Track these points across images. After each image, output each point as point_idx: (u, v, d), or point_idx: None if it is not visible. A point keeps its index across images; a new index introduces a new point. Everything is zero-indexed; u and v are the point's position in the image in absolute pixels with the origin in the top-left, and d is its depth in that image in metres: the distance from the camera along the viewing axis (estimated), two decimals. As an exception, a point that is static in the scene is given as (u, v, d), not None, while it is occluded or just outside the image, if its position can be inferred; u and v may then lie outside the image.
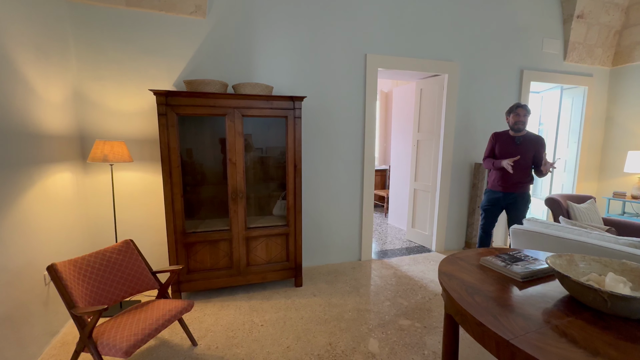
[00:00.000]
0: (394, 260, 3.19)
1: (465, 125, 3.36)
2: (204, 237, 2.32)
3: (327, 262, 3.08)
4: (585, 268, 1.22)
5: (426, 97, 3.48)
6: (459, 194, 3.46)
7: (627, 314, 1.00)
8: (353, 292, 2.51)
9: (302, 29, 2.71)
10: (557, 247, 1.86)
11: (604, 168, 4.04)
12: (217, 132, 2.59)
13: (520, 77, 3.48)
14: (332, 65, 2.83)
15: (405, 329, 2.01)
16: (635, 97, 3.70)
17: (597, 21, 3.55)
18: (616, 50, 3.79)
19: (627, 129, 3.80)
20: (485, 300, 1.14)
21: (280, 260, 2.53)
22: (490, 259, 1.45)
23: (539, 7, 3.42)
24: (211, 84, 2.22)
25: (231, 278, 2.41)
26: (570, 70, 3.69)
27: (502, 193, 2.66)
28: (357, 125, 2.99)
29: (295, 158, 2.44)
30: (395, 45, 2.98)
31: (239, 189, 2.33)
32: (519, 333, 0.94)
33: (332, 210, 3.03)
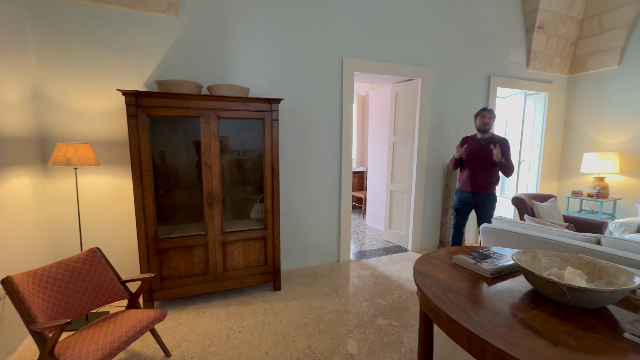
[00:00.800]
0: (372, 261, 3.24)
1: (438, 128, 3.49)
2: (178, 243, 2.24)
3: (306, 264, 3.08)
4: (547, 263, 1.31)
5: (401, 100, 3.57)
6: (433, 195, 3.58)
7: (583, 304, 1.08)
8: (332, 293, 2.52)
9: (279, 31, 2.70)
10: (523, 243, 1.97)
11: (563, 169, 4.33)
12: (192, 134, 2.52)
13: (488, 82, 3.67)
14: (309, 68, 2.85)
15: (383, 329, 2.04)
16: (589, 103, 4.01)
17: (555, 32, 3.81)
18: (572, 60, 4.09)
19: (582, 133, 4.11)
20: (457, 297, 1.19)
21: (258, 265, 2.49)
22: (462, 257, 1.51)
23: (505, 18, 3.62)
24: (185, 84, 2.15)
25: (207, 284, 2.34)
26: (533, 77, 3.94)
27: (471, 193, 2.79)
28: (334, 127, 3.02)
29: (272, 161, 2.42)
30: (371, 50, 3.05)
31: (214, 192, 2.27)
32: (488, 327, 0.98)
33: (311, 212, 3.03)
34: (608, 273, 1.19)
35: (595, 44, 3.84)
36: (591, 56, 3.90)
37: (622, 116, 3.72)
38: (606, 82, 3.84)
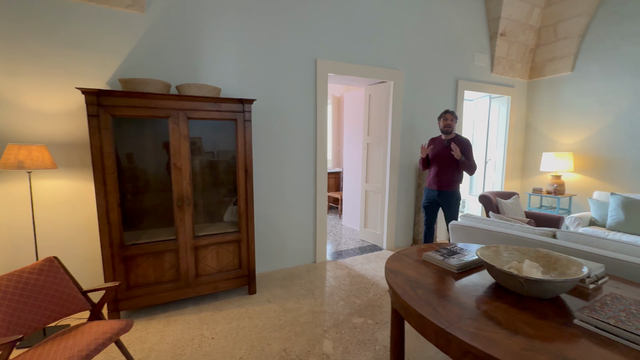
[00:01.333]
0: (348, 261, 3.27)
1: (410, 129, 3.60)
2: (146, 249, 2.14)
3: (282, 266, 3.05)
4: (508, 257, 1.38)
5: (374, 102, 3.65)
6: (406, 194, 3.68)
7: (539, 294, 1.16)
8: (308, 295, 2.52)
9: (252, 31, 2.66)
10: (488, 239, 2.08)
11: (525, 167, 4.62)
12: (162, 135, 2.42)
13: (455, 86, 3.83)
14: (283, 69, 2.83)
15: (358, 327, 2.07)
16: (547, 106, 4.31)
17: (516, 39, 4.06)
18: (531, 66, 4.37)
19: (541, 134, 4.40)
20: (426, 293, 1.23)
21: (232, 269, 2.44)
22: (431, 254, 1.56)
23: (470, 24, 3.80)
24: (151, 83, 2.07)
25: (179, 291, 2.26)
26: (496, 81, 4.16)
27: (437, 191, 2.91)
28: (309, 128, 3.02)
29: (246, 162, 2.38)
30: (345, 52, 3.08)
31: (185, 195, 2.20)
32: (454, 321, 1.03)
33: (286, 214, 3.01)
34: (561, 264, 1.28)
35: (551, 52, 4.13)
36: (548, 62, 4.19)
37: (575, 119, 4.02)
38: (561, 87, 4.14)
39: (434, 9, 3.51)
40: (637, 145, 3.51)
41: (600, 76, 3.76)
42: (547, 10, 4.03)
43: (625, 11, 3.52)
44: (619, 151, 3.66)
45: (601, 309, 1.03)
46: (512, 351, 0.87)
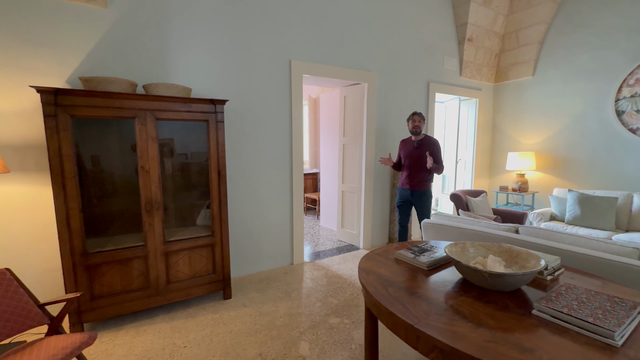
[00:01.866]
0: (325, 261, 3.28)
1: (384, 130, 3.67)
2: (112, 257, 2.03)
3: (258, 269, 3.01)
4: (474, 253, 1.44)
5: (349, 103, 3.69)
6: (382, 194, 3.75)
7: (502, 287, 1.22)
8: (285, 297, 2.50)
9: (225, 30, 2.61)
10: (458, 236, 2.16)
11: (492, 166, 4.85)
12: (130, 136, 2.30)
13: (427, 88, 3.96)
14: (257, 70, 2.80)
15: (335, 327, 2.08)
16: (511, 108, 4.55)
17: (482, 45, 4.26)
18: (497, 70, 4.61)
19: (506, 134, 4.64)
20: (397, 291, 1.26)
21: (206, 274, 2.37)
22: (403, 252, 1.60)
23: (440, 29, 3.95)
24: (116, 82, 1.97)
25: (149, 299, 2.16)
26: (465, 85, 4.35)
27: (410, 190, 3.01)
28: (284, 130, 3.00)
29: (219, 164, 2.33)
30: (319, 54, 3.10)
31: (154, 199, 2.11)
32: (422, 317, 1.06)
33: (262, 216, 2.97)
34: (522, 258, 1.35)
35: (514, 57, 4.37)
36: (511, 67, 4.43)
37: (536, 120, 4.28)
38: (523, 91, 4.39)
39: (405, 14, 3.61)
40: (590, 145, 3.80)
41: (558, 81, 4.02)
42: (510, 18, 4.26)
43: (577, 21, 3.79)
44: (574, 151, 3.94)
45: (556, 299, 1.10)
46: (475, 343, 0.91)
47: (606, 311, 1.01)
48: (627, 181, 3.54)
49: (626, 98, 3.47)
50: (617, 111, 3.54)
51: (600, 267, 1.51)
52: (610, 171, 3.65)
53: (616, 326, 0.93)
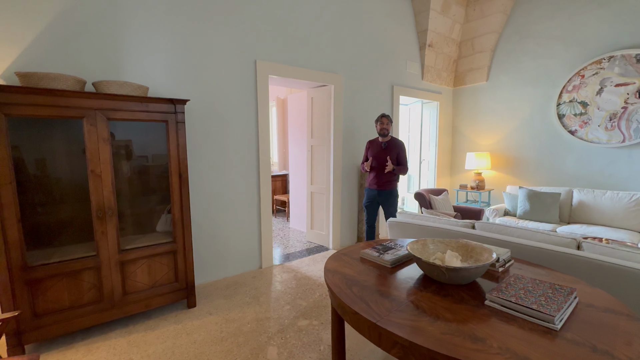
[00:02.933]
0: (294, 263, 3.26)
1: (351, 131, 3.73)
2: (58, 269, 1.86)
3: (225, 275, 2.91)
4: (434, 249, 1.51)
5: (317, 105, 3.70)
6: (349, 194, 3.81)
7: (459, 281, 1.28)
8: (253, 302, 2.44)
9: (186, 25, 2.50)
10: (421, 233, 2.25)
11: (453, 166, 5.12)
12: (81, 138, 2.12)
13: (391, 91, 4.09)
14: (221, 69, 2.71)
15: (303, 329, 2.07)
16: (468, 111, 4.84)
17: (442, 51, 4.49)
18: (455, 75, 4.88)
19: (465, 136, 4.93)
20: (361, 290, 1.27)
21: (167, 282, 2.25)
22: (368, 251, 1.63)
23: (402, 34, 4.10)
24: (60, 79, 1.80)
25: (102, 313, 2.00)
26: (427, 88, 4.55)
27: (377, 190, 3.09)
28: (250, 131, 2.94)
29: (180, 167, 2.22)
30: (285, 55, 3.07)
31: (106, 205, 1.96)
32: (384, 314, 1.08)
33: (228, 219, 2.89)
34: (476, 252, 1.43)
35: (470, 63, 4.66)
36: (468, 73, 4.72)
37: (491, 122, 4.59)
38: (479, 95, 4.69)
39: (369, 18, 3.70)
40: (537, 146, 4.14)
41: (508, 86, 4.35)
42: (466, 26, 4.54)
43: (524, 31, 4.13)
44: (524, 151, 4.27)
45: (506, 289, 1.18)
46: (433, 336, 0.94)
47: (548, 298, 1.10)
48: (568, 178, 3.90)
49: (566, 103, 3.83)
50: (559, 114, 3.90)
51: (545, 257, 1.65)
52: (554, 169, 4.01)
53: (556, 311, 1.01)
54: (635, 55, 3.30)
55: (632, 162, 3.43)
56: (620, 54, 3.39)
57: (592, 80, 3.60)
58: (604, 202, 3.36)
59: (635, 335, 0.94)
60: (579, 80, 3.70)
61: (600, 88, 3.56)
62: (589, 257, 1.50)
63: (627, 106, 3.39)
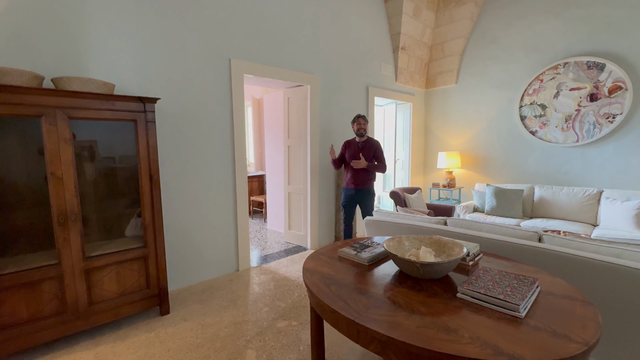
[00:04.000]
0: (273, 265, 3.23)
1: (328, 131, 3.76)
2: (14, 280, 1.71)
3: (201, 279, 2.83)
4: (409, 246, 1.55)
5: (293, 105, 3.69)
6: (327, 194, 3.83)
7: (432, 276, 1.33)
8: (230, 306, 2.39)
9: (156, 20, 2.40)
10: (396, 230, 2.31)
11: (426, 165, 5.31)
12: (39, 138, 1.97)
13: (367, 92, 4.16)
14: (195, 67, 2.63)
15: (282, 331, 2.06)
16: (440, 112, 5.04)
17: (414, 54, 4.63)
18: (427, 77, 5.06)
19: (437, 136, 5.12)
20: (339, 288, 1.29)
21: (138, 289, 2.15)
22: (345, 250, 1.65)
23: (377, 37, 4.19)
24: (13, 73, 1.67)
25: (65, 325, 1.87)
26: (400, 90, 4.68)
27: (354, 190, 3.14)
28: (225, 131, 2.88)
29: (150, 168, 2.13)
30: (261, 54, 3.04)
31: (69, 210, 1.84)
32: (362, 311, 1.10)
33: (203, 222, 2.80)
34: (448, 247, 1.50)
35: (440, 66, 4.85)
36: (439, 75, 4.91)
37: (460, 123, 4.81)
38: (449, 97, 4.89)
39: (345, 20, 3.74)
40: (502, 145, 4.39)
41: (476, 89, 4.57)
42: (436, 31, 4.71)
43: (489, 37, 4.36)
44: (490, 150, 4.51)
45: (476, 282, 1.24)
46: (409, 330, 0.97)
47: (513, 288, 1.17)
48: (530, 175, 4.17)
49: (527, 105, 4.09)
50: (521, 116, 4.16)
51: (510, 250, 1.75)
52: (517, 167, 4.27)
53: (520, 300, 1.08)
54: (586, 62, 3.59)
55: (585, 161, 3.73)
56: (573, 60, 3.68)
57: (550, 84, 3.88)
58: (562, 198, 3.63)
59: (589, 319, 1.03)
60: (538, 84, 3.97)
61: (556, 92, 3.83)
62: (549, 249, 1.61)
63: (580, 109, 3.68)
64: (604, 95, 3.52)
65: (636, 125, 3.37)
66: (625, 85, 3.37)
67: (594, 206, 3.43)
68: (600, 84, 3.53)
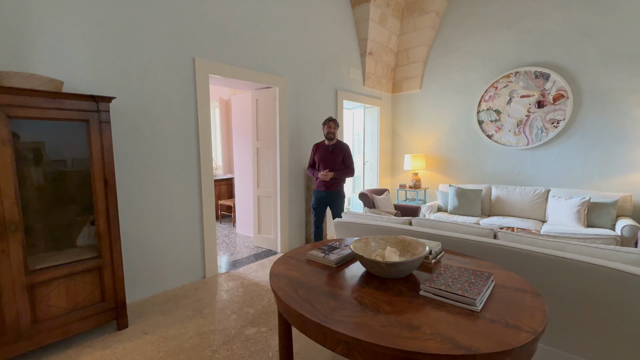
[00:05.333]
0: (241, 270, 3.14)
1: (297, 134, 3.75)
2: (-62, 301, 1.51)
3: (164, 289, 2.68)
4: (375, 246, 1.59)
5: (262, 107, 3.64)
6: (297, 196, 3.82)
7: (397, 275, 1.37)
8: (195, 315, 2.29)
9: (113, 13, 2.24)
10: (364, 231, 2.35)
11: (394, 167, 5.48)
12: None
13: (335, 95, 4.21)
14: (155, 66, 2.50)
15: (251, 338, 2.00)
16: (406, 116, 5.23)
17: (381, 59, 4.78)
18: (393, 82, 5.23)
19: (403, 139, 5.31)
20: (306, 291, 1.28)
21: (92, 303, 1.98)
22: (313, 253, 1.65)
23: (345, 41, 4.26)
24: (-62, 67, 1.48)
25: (4, 348, 1.68)
26: (368, 94, 4.80)
27: (325, 192, 3.16)
28: (190, 132, 2.76)
29: (105, 171, 1.99)
30: (227, 54, 2.96)
31: (7, 219, 1.66)
32: (329, 314, 1.10)
33: (167, 228, 2.67)
34: (412, 247, 1.55)
35: (406, 72, 5.04)
36: (404, 81, 5.10)
37: (425, 127, 5.02)
38: (414, 101, 5.10)
39: (314, 23, 3.77)
40: (463, 148, 4.65)
41: (438, 94, 4.81)
42: (401, 38, 4.90)
43: (450, 46, 4.61)
44: (452, 152, 4.76)
45: (437, 279, 1.29)
46: (374, 330, 0.99)
47: (471, 284, 1.24)
48: (488, 176, 4.46)
49: (484, 110, 4.38)
50: (479, 121, 4.43)
51: (470, 247, 1.85)
52: (476, 168, 4.55)
53: (477, 295, 1.14)
54: (534, 72, 3.92)
55: (534, 162, 4.06)
56: (523, 70, 3.99)
57: (503, 91, 4.18)
58: (515, 197, 3.91)
59: (537, 309, 1.11)
60: (493, 91, 4.26)
61: (509, 98, 4.14)
62: (503, 245, 1.73)
63: (530, 114, 4.00)
64: (549, 103, 3.85)
65: (577, 130, 3.73)
66: (567, 93, 3.72)
67: (542, 204, 3.74)
68: (546, 92, 3.86)
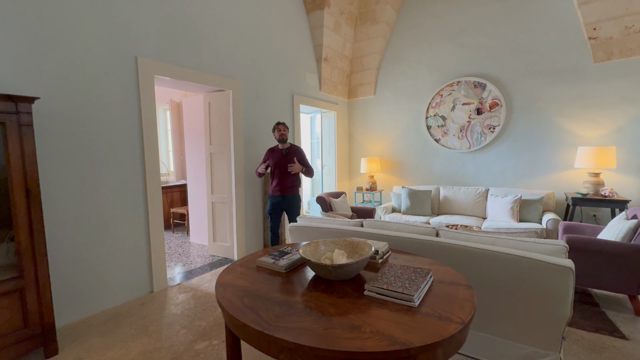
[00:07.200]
0: (194, 281, 2.99)
1: (253, 138, 3.68)
2: None
3: (104, 307, 2.45)
4: (324, 249, 1.61)
5: (215, 110, 3.52)
6: (254, 202, 3.74)
7: (344, 276, 1.40)
8: (140, 333, 2.12)
9: (38, 5, 2.02)
10: (319, 235, 2.37)
11: (351, 170, 5.62)
12: None
13: (292, 99, 4.22)
14: (92, 64, 2.30)
15: (201, 352, 1.91)
16: (361, 121, 5.41)
17: (336, 65, 4.89)
18: (349, 88, 5.38)
19: (359, 143, 5.48)
20: (252, 300, 1.26)
21: (12, 331, 1.75)
22: (263, 259, 1.63)
23: (300, 47, 4.29)
24: None
25: None
26: (325, 99, 4.88)
27: (281, 197, 3.14)
28: (133, 136, 2.58)
29: (27, 180, 1.77)
30: (175, 54, 2.82)
31: None
32: (272, 321, 1.09)
33: (106, 240, 2.45)
34: (360, 248, 1.59)
35: (361, 79, 5.22)
36: (359, 87, 5.28)
37: (379, 131, 5.23)
38: (369, 107, 5.29)
39: (268, 27, 3.75)
40: (414, 152, 4.93)
41: (391, 100, 5.05)
42: (355, 45, 5.07)
43: (400, 55, 4.88)
44: (405, 156, 5.02)
45: (381, 278, 1.34)
46: (316, 334, 1.00)
47: (411, 281, 1.31)
48: (436, 178, 4.77)
49: (432, 116, 4.69)
50: (427, 126, 4.73)
51: (415, 246, 1.96)
52: (426, 170, 4.84)
53: (415, 291, 1.21)
54: (473, 82, 4.30)
55: (476, 164, 4.43)
56: (464, 80, 4.35)
57: (448, 99, 4.51)
58: (460, 196, 4.23)
59: (467, 301, 1.20)
60: (439, 99, 4.58)
61: (453, 105, 4.48)
62: (443, 242, 1.85)
63: (471, 121, 4.37)
64: (486, 110, 4.24)
65: (509, 135, 4.15)
66: (501, 102, 4.13)
67: (483, 202, 4.09)
68: (483, 100, 4.25)
